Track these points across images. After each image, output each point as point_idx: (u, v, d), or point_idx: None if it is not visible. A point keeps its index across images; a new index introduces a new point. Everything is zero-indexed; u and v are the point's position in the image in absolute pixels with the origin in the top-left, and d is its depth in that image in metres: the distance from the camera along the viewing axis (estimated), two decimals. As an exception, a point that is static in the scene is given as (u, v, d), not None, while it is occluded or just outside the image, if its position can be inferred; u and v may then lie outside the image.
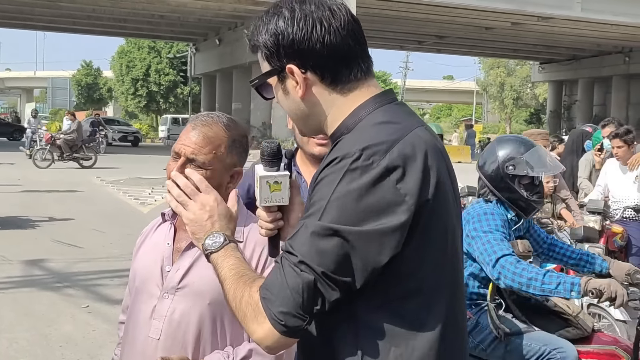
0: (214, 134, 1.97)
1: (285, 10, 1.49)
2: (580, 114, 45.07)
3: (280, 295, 1.35)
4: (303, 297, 1.34)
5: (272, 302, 1.36)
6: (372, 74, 1.56)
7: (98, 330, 5.93)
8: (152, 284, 2.02)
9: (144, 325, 2.00)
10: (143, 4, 31.14)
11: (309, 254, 1.35)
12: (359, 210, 1.35)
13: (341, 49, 1.49)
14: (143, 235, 2.20)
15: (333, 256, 1.35)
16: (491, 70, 59.61)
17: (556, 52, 44.75)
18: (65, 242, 9.74)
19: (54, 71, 74.91)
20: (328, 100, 1.52)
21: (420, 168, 1.40)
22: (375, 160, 1.37)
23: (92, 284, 7.50)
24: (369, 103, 1.52)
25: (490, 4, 29.11)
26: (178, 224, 2.08)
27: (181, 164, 1.93)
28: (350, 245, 1.35)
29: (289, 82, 1.52)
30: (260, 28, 1.53)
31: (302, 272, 1.35)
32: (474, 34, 37.35)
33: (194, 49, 43.82)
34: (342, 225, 1.35)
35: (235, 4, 28.82)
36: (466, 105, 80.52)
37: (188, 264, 1.99)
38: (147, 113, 59.38)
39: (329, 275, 1.35)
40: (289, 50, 1.48)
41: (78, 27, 39.61)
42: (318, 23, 1.47)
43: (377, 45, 47.57)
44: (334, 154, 1.43)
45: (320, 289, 1.35)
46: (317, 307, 1.36)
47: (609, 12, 30.52)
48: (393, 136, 1.42)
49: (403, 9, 30.74)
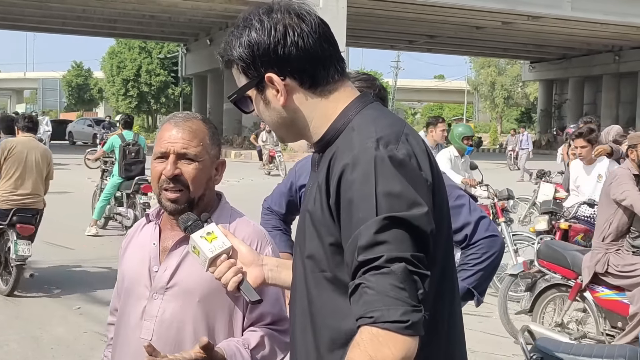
0: (197, 127, 2.01)
1: (255, 21, 1.52)
2: (570, 113, 45.24)
3: (387, 304, 1.30)
4: (405, 288, 1.31)
5: (386, 316, 1.30)
6: (347, 75, 1.59)
7: (90, 332, 5.91)
8: (140, 285, 2.02)
9: (135, 327, 2.01)
10: (133, 4, 31.08)
11: (387, 249, 1.33)
12: (406, 194, 1.36)
13: (316, 51, 1.51)
14: (128, 237, 2.20)
15: (407, 240, 1.34)
16: (482, 69, 59.70)
17: (546, 51, 44.92)
18: (56, 244, 9.71)
19: (44, 72, 74.54)
20: (310, 105, 1.54)
21: (425, 154, 1.47)
22: (393, 148, 1.40)
23: (84, 286, 7.49)
24: (355, 104, 1.54)
25: (480, 3, 29.21)
26: (163, 224, 2.09)
27: (173, 160, 1.96)
28: (414, 226, 1.35)
29: (268, 91, 1.53)
30: (232, 42, 1.55)
31: (392, 267, 1.32)
32: (465, 33, 37.47)
33: (184, 49, 43.76)
34: (399, 212, 1.35)
35: (226, 4, 28.80)
36: (457, 105, 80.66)
37: (176, 263, 2.00)
38: (138, 114, 59.24)
39: (415, 256, 1.34)
40: (264, 59, 1.51)
41: (68, 27, 39.48)
42: (290, 29, 1.50)
43: (368, 45, 47.72)
44: (343, 153, 1.44)
45: (414, 272, 1.33)
46: (421, 290, 1.33)
47: (599, 12, 30.68)
48: (395, 127, 1.47)
49: (394, 9, 30.79)
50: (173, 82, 53.42)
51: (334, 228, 1.45)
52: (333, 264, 1.46)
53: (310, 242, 1.51)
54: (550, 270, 5.55)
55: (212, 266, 1.73)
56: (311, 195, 1.53)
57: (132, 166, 10.10)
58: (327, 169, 1.47)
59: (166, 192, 1.97)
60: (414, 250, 1.34)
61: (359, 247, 1.35)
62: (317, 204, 1.48)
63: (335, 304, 1.46)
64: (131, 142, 10.13)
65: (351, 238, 1.38)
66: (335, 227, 1.44)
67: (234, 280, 1.70)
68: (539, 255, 5.60)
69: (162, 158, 1.98)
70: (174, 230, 2.04)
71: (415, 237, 1.35)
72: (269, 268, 1.77)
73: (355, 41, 40.37)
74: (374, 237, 1.34)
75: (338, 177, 1.42)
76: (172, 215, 2.00)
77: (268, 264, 1.78)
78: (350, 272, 1.38)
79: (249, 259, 1.76)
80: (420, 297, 1.33)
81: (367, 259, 1.34)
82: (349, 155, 1.42)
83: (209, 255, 1.72)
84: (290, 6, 1.54)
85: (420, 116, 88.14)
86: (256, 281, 1.74)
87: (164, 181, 1.97)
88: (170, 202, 1.98)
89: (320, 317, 1.50)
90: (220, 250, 1.72)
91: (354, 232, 1.37)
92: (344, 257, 1.41)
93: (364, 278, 1.33)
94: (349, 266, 1.38)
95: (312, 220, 1.50)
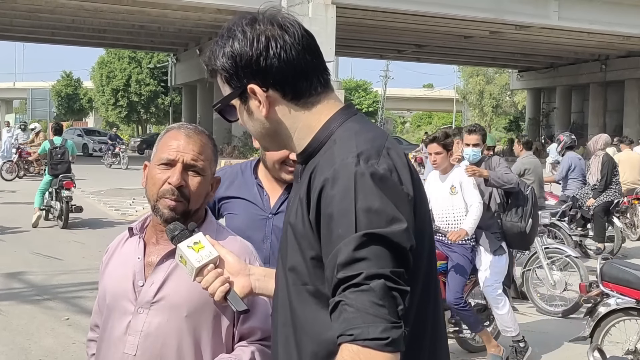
0: (205, 142, 2.02)
1: (238, 32, 1.52)
2: (558, 121, 45.49)
3: (366, 321, 1.29)
4: (385, 305, 1.30)
5: (366, 334, 1.29)
6: (331, 87, 1.58)
7: (78, 343, 5.90)
8: (125, 300, 1.99)
9: (118, 342, 1.97)
10: (123, 14, 31.07)
11: (366, 266, 1.32)
12: (386, 211, 1.36)
13: (298, 63, 1.50)
14: (109, 252, 2.16)
15: (387, 256, 1.33)
16: (470, 78, 59.94)
17: (534, 60, 45.15)
18: (45, 254, 9.70)
19: (33, 82, 74.07)
20: (292, 116, 1.53)
21: (407, 168, 1.47)
22: (374, 163, 1.40)
23: (72, 296, 7.48)
24: (338, 116, 1.54)
25: (468, 13, 29.33)
26: (147, 238, 2.06)
27: (181, 170, 1.95)
28: (394, 243, 1.34)
29: (251, 102, 1.53)
30: (216, 52, 1.55)
31: (371, 284, 1.31)
32: (453, 42, 37.60)
33: (174, 59, 43.75)
34: (378, 228, 1.34)
35: (215, 14, 28.83)
36: (446, 113, 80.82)
37: (162, 278, 1.97)
38: (128, 123, 59.11)
39: (395, 272, 1.33)
40: (247, 70, 1.50)
41: (57, 37, 39.39)
42: (272, 40, 1.49)
43: (357, 55, 47.80)
44: (324, 167, 1.44)
45: (393, 288, 1.32)
46: (400, 306, 1.32)
47: (586, 21, 30.86)
48: (377, 142, 1.47)
49: (382, 19, 30.87)
50: (163, 92, 53.30)
51: (315, 242, 1.44)
52: (315, 277, 1.46)
53: (292, 254, 1.50)
54: (618, 293, 5.08)
55: (199, 276, 1.72)
56: (293, 207, 1.53)
57: (58, 165, 12.42)
58: (308, 182, 1.47)
59: (166, 200, 1.95)
60: (394, 267, 1.33)
61: (338, 264, 1.35)
62: (299, 218, 1.48)
63: (317, 316, 1.46)
64: (58, 145, 12.45)
65: (331, 254, 1.37)
66: (316, 241, 1.44)
67: (220, 290, 1.70)
68: (604, 277, 5.13)
69: (167, 165, 1.96)
70: (158, 244, 2.01)
71: (395, 253, 1.34)
72: (256, 278, 1.76)
73: (344, 51, 40.47)
74: (352, 254, 1.33)
75: (318, 191, 1.42)
76: (167, 223, 1.94)
77: (255, 274, 1.77)
78: (330, 288, 1.37)
79: (236, 269, 1.75)
80: (400, 313, 1.32)
81: (346, 276, 1.33)
82: (330, 170, 1.41)
83: (196, 264, 1.71)
84: (274, 17, 1.53)
85: (410, 125, 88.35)
86: (243, 291, 1.73)
87: (167, 191, 1.95)
88: (169, 210, 1.95)
89: (303, 329, 1.49)
90: (207, 259, 1.72)
91: (334, 248, 1.37)
92: (325, 272, 1.41)
93: (343, 295, 1.33)
94: (329, 282, 1.38)
95: (293, 233, 1.49)
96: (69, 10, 30.73)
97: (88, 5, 29.00)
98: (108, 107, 55.10)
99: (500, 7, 29.46)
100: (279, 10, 1.56)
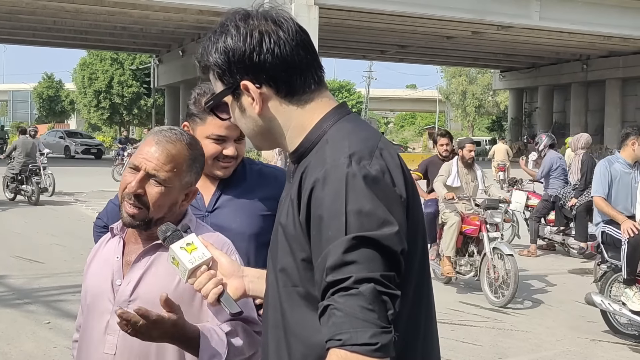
0: (177, 152, 1.96)
1: (231, 27, 1.49)
2: (540, 121, 45.82)
3: (355, 326, 1.27)
4: (375, 310, 1.27)
5: (354, 339, 1.26)
6: (325, 84, 1.55)
7: (59, 347, 5.85)
8: (104, 300, 2.00)
9: (97, 342, 1.98)
10: (104, 15, 30.92)
11: (356, 269, 1.29)
12: (377, 213, 1.33)
13: (292, 59, 1.47)
14: (93, 252, 2.16)
15: (377, 260, 1.31)
16: (453, 78, 60.29)
17: (516, 60, 45.45)
18: (26, 258, 9.62)
19: (14, 84, 73.60)
20: (286, 113, 1.51)
21: (400, 169, 1.43)
22: (366, 164, 1.37)
23: (54, 300, 7.42)
24: (331, 115, 1.51)
25: (451, 13, 29.46)
26: (127, 238, 2.06)
27: (141, 178, 1.92)
28: (384, 246, 1.32)
29: (244, 98, 1.50)
30: (209, 48, 1.52)
31: (360, 288, 1.28)
32: (436, 43, 37.77)
33: (157, 60, 43.59)
34: (369, 231, 1.31)
35: (197, 15, 28.77)
36: (429, 114, 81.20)
37: (138, 276, 1.96)
38: (111, 125, 58.81)
39: (385, 275, 1.31)
40: (240, 66, 1.48)
41: (38, 39, 39.15)
42: (266, 36, 1.46)
43: (340, 55, 47.88)
44: (315, 167, 1.41)
45: (384, 292, 1.29)
46: (391, 311, 1.29)
47: (567, 21, 31.10)
48: (370, 142, 1.44)
49: (365, 19, 30.95)
50: (145, 94, 53.13)
51: (305, 244, 1.41)
52: (305, 279, 1.43)
53: (283, 255, 1.47)
54: None
55: (192, 277, 1.69)
56: (284, 207, 1.50)
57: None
58: (300, 182, 1.44)
59: (126, 205, 1.95)
60: (384, 270, 1.30)
61: (328, 267, 1.32)
62: (290, 219, 1.45)
63: (308, 319, 1.43)
64: None
65: (321, 257, 1.34)
66: (306, 242, 1.41)
67: (214, 292, 1.67)
68: None
69: (134, 169, 1.95)
70: (137, 243, 2.02)
71: (385, 257, 1.31)
72: (249, 279, 1.74)
73: (327, 51, 40.53)
74: (342, 257, 1.30)
75: (309, 192, 1.39)
76: (125, 227, 1.96)
77: (249, 276, 1.75)
78: (320, 292, 1.34)
79: (229, 270, 1.73)
80: (390, 318, 1.29)
81: (335, 279, 1.30)
82: (321, 170, 1.39)
83: (189, 266, 1.68)
84: (268, 13, 1.51)
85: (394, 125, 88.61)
86: (237, 293, 1.71)
87: (127, 194, 1.94)
88: (128, 216, 1.95)
89: (293, 331, 1.46)
90: (200, 261, 1.69)
91: (323, 250, 1.34)
92: (314, 275, 1.38)
93: (332, 299, 1.30)
94: (319, 285, 1.35)
95: (284, 234, 1.46)
96: (50, 11, 30.54)
97: (69, 6, 28.82)
98: (90, 109, 54.84)
99: (482, 8, 29.62)
100: (273, 6, 1.53)
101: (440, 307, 7.21)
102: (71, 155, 39.50)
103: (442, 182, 8.15)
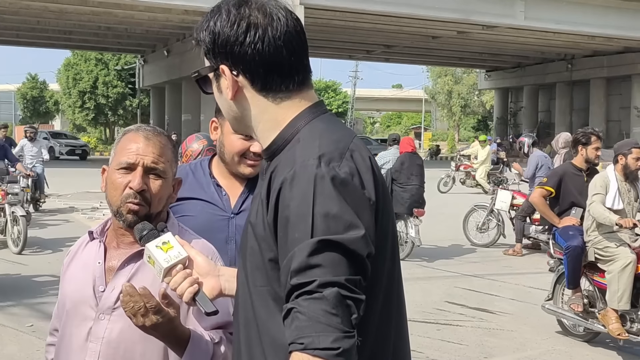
0: (165, 143, 1.98)
1: (224, 10, 1.49)
2: (526, 120, 46.03)
3: (317, 330, 1.25)
4: (338, 314, 1.26)
5: (316, 343, 1.24)
6: (308, 86, 1.52)
7: (42, 350, 5.77)
8: (85, 306, 1.94)
9: (78, 350, 1.93)
10: (89, 15, 30.72)
11: (321, 273, 1.28)
12: (344, 216, 1.32)
13: (273, 58, 1.46)
14: (70, 255, 2.11)
15: (342, 263, 1.29)
16: (439, 78, 60.45)
17: (501, 60, 45.63)
18: (9, 260, 9.53)
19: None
20: (259, 106, 1.50)
21: (370, 171, 1.41)
22: (335, 166, 1.35)
23: (37, 302, 7.35)
24: (305, 114, 1.49)
25: (436, 13, 29.54)
26: (108, 242, 2.01)
27: (142, 174, 1.91)
28: (350, 250, 1.30)
29: (222, 81, 1.51)
30: (203, 24, 1.53)
31: (324, 292, 1.27)
32: (421, 42, 37.85)
33: (142, 60, 43.38)
34: (335, 234, 1.30)
35: (182, 15, 28.66)
36: (415, 114, 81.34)
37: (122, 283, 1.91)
38: (96, 126, 58.50)
39: (350, 279, 1.29)
40: (221, 51, 1.48)
41: (22, 39, 38.86)
42: (252, 28, 1.45)
43: (326, 55, 47.85)
44: (284, 167, 1.40)
45: (347, 296, 1.28)
46: (354, 315, 1.28)
47: (551, 21, 31.26)
48: (341, 143, 1.42)
49: (351, 19, 30.97)
50: (131, 94, 52.86)
51: (273, 244, 1.40)
52: (273, 279, 1.42)
53: (252, 254, 1.47)
54: None
55: (167, 276, 1.68)
56: (254, 206, 1.49)
57: None
58: (269, 181, 1.43)
59: (128, 204, 1.91)
60: (349, 274, 1.29)
61: (292, 270, 1.30)
62: (259, 218, 1.44)
63: (275, 319, 1.41)
64: None
65: (286, 259, 1.33)
66: (274, 243, 1.40)
67: (189, 291, 1.65)
68: None
69: (127, 169, 1.92)
70: (119, 248, 1.97)
71: (351, 261, 1.30)
72: (225, 279, 1.72)
73: (313, 51, 40.48)
74: (307, 260, 1.29)
75: (277, 192, 1.38)
76: (130, 227, 1.90)
77: (225, 275, 1.73)
78: (284, 294, 1.33)
79: (205, 270, 1.71)
80: (354, 322, 1.28)
81: (299, 282, 1.29)
82: (290, 170, 1.37)
83: (164, 265, 1.68)
84: (266, 4, 1.48)
85: (380, 125, 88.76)
86: (212, 292, 1.70)
87: (129, 195, 1.90)
88: (132, 214, 1.91)
89: (263, 329, 1.45)
90: (176, 260, 1.69)
91: (289, 252, 1.32)
92: (280, 277, 1.37)
93: (296, 302, 1.29)
94: (284, 287, 1.34)
95: (254, 233, 1.46)
96: (33, 11, 30.31)
97: (53, 6, 28.62)
98: (75, 110, 54.48)
99: (467, 8, 29.72)
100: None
101: (426, 306, 7.31)
102: (56, 157, 39.27)
103: (601, 201, 6.05)
